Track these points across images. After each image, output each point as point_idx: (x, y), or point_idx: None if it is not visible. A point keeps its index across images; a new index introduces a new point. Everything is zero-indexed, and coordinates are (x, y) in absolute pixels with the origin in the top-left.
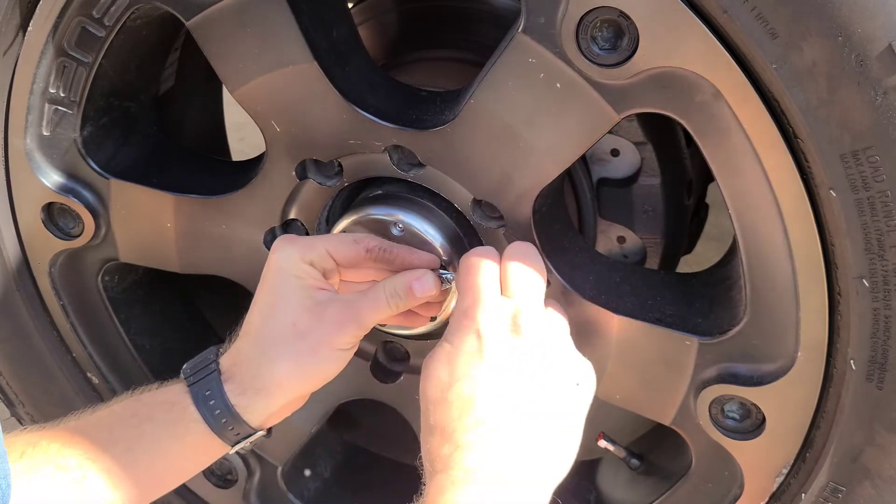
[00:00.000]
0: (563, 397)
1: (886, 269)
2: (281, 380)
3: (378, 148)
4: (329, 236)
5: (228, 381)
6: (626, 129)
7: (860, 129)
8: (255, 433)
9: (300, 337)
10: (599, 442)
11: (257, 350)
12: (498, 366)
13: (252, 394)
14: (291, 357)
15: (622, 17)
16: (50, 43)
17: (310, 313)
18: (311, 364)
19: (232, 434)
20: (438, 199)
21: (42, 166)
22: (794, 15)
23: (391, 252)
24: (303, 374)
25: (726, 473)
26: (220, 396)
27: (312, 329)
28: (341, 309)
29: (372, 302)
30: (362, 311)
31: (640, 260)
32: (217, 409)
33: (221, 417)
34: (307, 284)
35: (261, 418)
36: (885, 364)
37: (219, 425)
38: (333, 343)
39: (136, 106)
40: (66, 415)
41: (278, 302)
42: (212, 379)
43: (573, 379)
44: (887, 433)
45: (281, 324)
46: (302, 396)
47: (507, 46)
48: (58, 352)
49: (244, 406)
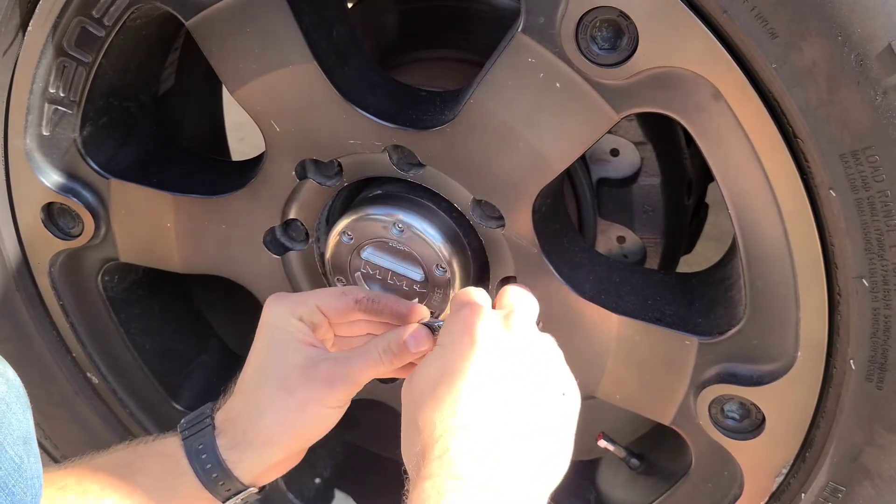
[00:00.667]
0: (552, 407)
1: (886, 268)
2: (271, 435)
3: (378, 148)
4: (319, 291)
5: (221, 436)
6: (626, 129)
7: (860, 128)
8: (246, 489)
9: (290, 393)
10: (599, 442)
11: (249, 405)
12: (490, 366)
13: (243, 448)
14: (281, 413)
15: (622, 16)
16: (50, 43)
17: (300, 370)
18: (300, 421)
19: (223, 489)
20: (438, 199)
21: (42, 166)
22: (794, 15)
23: (379, 302)
24: (293, 431)
25: (726, 473)
26: (212, 450)
27: (302, 386)
28: (332, 367)
29: (364, 359)
30: (354, 368)
31: (640, 260)
32: (208, 462)
33: (212, 472)
34: (298, 339)
35: (252, 474)
36: (884, 364)
37: (209, 480)
38: (323, 401)
39: (136, 106)
40: (64, 414)
41: (270, 357)
42: (206, 433)
43: (560, 388)
44: (887, 433)
45: (272, 380)
46: (296, 453)
47: (506, 46)
48: (58, 352)
49: (235, 461)
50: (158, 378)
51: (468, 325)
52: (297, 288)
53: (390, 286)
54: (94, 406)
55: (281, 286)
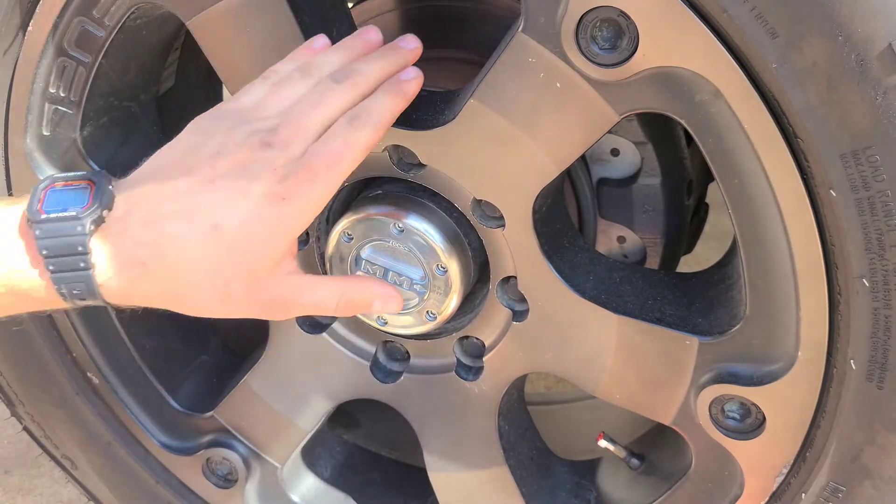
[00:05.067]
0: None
1: (886, 268)
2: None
3: (378, 148)
4: None
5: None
6: (626, 128)
7: (860, 128)
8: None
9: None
10: (599, 442)
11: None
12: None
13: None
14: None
15: (622, 16)
16: (50, 43)
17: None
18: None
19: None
20: (438, 199)
21: (42, 166)
22: (794, 15)
23: None
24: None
25: (726, 473)
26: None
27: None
28: (284, 290)
29: (317, 301)
30: (304, 302)
31: (640, 260)
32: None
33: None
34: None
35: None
36: (885, 364)
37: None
38: (247, 309)
39: (137, 106)
40: (64, 414)
41: None
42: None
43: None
44: (887, 433)
45: None
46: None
47: (507, 46)
48: (58, 352)
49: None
50: (158, 378)
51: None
52: None
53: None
54: (94, 406)
55: None
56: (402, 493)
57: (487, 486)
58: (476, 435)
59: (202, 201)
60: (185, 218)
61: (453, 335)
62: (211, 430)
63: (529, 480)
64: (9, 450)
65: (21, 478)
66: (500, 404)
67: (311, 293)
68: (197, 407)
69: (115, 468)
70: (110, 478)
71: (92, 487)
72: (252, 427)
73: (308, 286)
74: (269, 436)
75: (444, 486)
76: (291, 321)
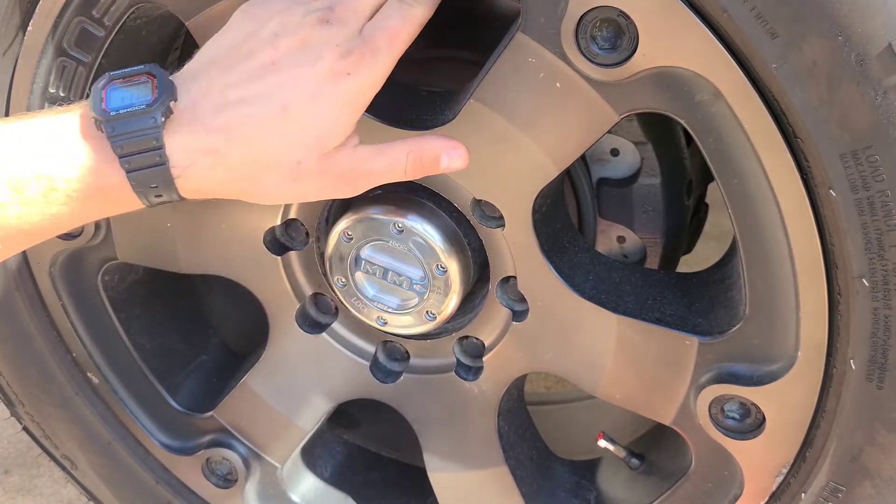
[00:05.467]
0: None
1: (886, 268)
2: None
3: None
4: None
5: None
6: (626, 129)
7: (860, 128)
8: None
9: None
10: (599, 442)
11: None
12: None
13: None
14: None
15: (622, 16)
16: (50, 43)
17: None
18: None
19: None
20: (438, 199)
21: None
22: (794, 15)
23: None
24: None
25: (726, 473)
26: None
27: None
28: (352, 161)
29: (390, 165)
30: (375, 170)
31: (640, 260)
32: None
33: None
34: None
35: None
36: (885, 364)
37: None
38: (320, 191)
39: None
40: (64, 414)
41: None
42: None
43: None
44: (887, 433)
45: None
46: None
47: (506, 46)
48: (58, 352)
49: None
50: (158, 378)
51: None
52: (297, 288)
53: (390, 286)
54: (94, 406)
55: (281, 286)
56: (401, 493)
57: (487, 486)
58: (476, 435)
59: (268, 83)
60: (254, 101)
61: (453, 335)
62: (211, 430)
63: (529, 480)
64: (9, 450)
65: (21, 478)
66: (500, 404)
67: (381, 158)
68: (197, 407)
69: (115, 468)
70: (110, 478)
71: (92, 487)
72: (252, 427)
73: (377, 152)
74: (269, 436)
75: (443, 486)
76: (291, 321)
